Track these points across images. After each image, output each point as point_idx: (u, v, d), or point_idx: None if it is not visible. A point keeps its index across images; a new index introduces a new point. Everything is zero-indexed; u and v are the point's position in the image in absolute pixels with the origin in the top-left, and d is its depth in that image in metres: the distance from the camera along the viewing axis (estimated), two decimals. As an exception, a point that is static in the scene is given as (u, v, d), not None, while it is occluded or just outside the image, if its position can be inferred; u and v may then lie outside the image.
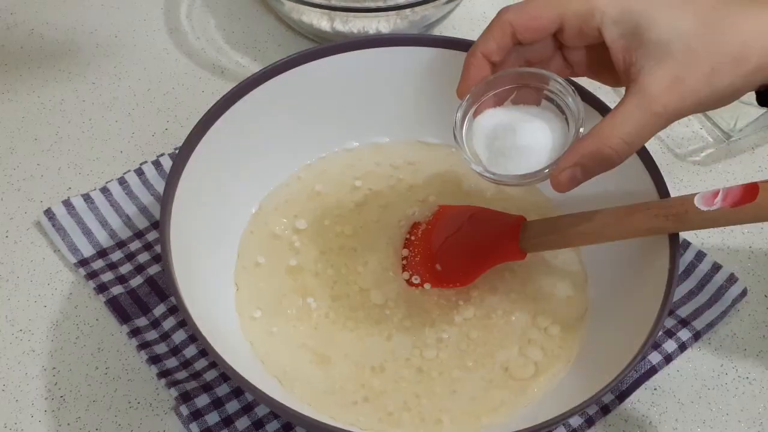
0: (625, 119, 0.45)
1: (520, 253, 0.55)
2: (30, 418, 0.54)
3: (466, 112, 0.51)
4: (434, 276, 0.57)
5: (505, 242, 0.55)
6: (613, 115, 0.45)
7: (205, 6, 0.78)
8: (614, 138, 0.45)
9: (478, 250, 0.57)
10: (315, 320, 0.56)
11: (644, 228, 0.50)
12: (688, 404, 0.56)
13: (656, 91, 0.44)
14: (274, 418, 0.54)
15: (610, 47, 0.47)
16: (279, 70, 0.58)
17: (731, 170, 0.68)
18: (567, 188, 0.47)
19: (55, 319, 0.58)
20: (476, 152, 0.50)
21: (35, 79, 0.71)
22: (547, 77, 0.49)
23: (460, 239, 0.57)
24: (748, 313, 0.60)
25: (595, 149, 0.45)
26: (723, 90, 0.45)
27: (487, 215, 0.58)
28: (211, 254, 0.56)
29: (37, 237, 0.62)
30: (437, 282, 0.57)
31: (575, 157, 0.46)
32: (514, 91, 0.51)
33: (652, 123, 0.45)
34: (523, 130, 0.49)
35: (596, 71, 0.51)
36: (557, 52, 0.51)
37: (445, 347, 0.55)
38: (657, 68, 0.44)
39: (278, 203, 0.61)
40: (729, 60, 0.44)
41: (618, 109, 0.45)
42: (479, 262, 0.56)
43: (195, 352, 0.56)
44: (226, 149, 0.57)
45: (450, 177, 0.63)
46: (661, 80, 0.44)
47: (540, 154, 0.48)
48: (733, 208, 0.46)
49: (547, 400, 0.53)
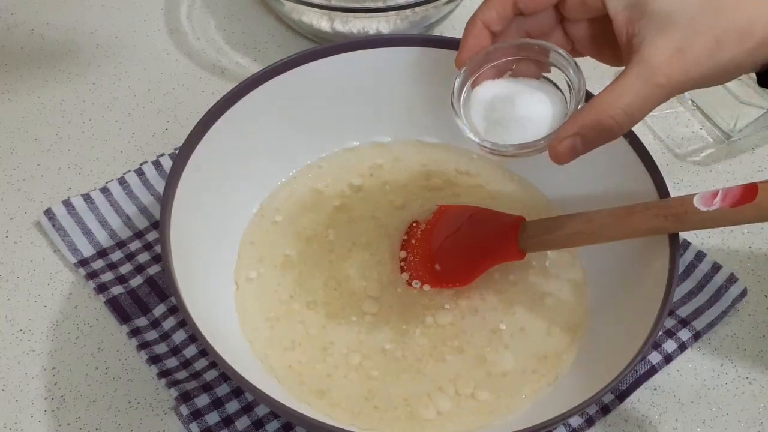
0: (626, 90, 0.44)
1: (520, 253, 0.55)
2: (30, 418, 0.54)
3: (464, 82, 0.49)
4: (433, 276, 0.57)
5: (505, 242, 0.55)
6: (613, 86, 0.44)
7: (205, 7, 0.78)
8: (615, 109, 0.44)
9: (478, 250, 0.57)
10: (315, 319, 0.56)
11: (643, 228, 0.50)
12: (688, 404, 0.56)
13: (658, 62, 0.43)
14: (274, 418, 0.54)
15: (614, 19, 0.46)
16: (279, 70, 0.58)
17: (731, 170, 0.68)
18: (566, 159, 0.46)
19: (55, 319, 0.58)
20: (473, 123, 0.49)
21: (35, 79, 0.71)
22: (548, 48, 0.48)
23: (459, 239, 0.57)
24: (748, 313, 0.60)
25: (596, 120, 0.44)
26: (726, 64, 0.44)
27: (486, 215, 0.58)
28: (211, 254, 0.56)
29: (37, 237, 0.62)
30: (436, 282, 0.57)
31: (575, 127, 0.45)
32: (514, 63, 0.50)
33: (654, 94, 0.44)
34: (521, 102, 0.48)
35: (597, 47, 0.50)
36: (558, 25, 0.50)
37: (442, 347, 0.55)
38: (659, 39, 0.43)
39: (278, 203, 0.61)
40: (733, 33, 0.43)
41: (619, 79, 0.44)
42: (478, 262, 0.56)
43: (195, 351, 0.56)
44: (226, 149, 0.57)
45: (449, 177, 0.63)
46: (663, 51, 0.43)
47: (539, 126, 0.47)
48: (733, 209, 0.46)
49: (547, 400, 0.53)
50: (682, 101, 0.73)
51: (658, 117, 0.72)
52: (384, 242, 0.59)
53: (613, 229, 0.51)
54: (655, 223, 0.49)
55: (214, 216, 0.57)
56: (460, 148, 0.64)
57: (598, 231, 0.52)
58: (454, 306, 0.57)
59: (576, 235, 0.53)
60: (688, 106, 0.72)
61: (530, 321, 0.56)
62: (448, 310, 0.56)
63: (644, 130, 0.71)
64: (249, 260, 0.58)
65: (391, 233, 0.60)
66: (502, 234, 0.56)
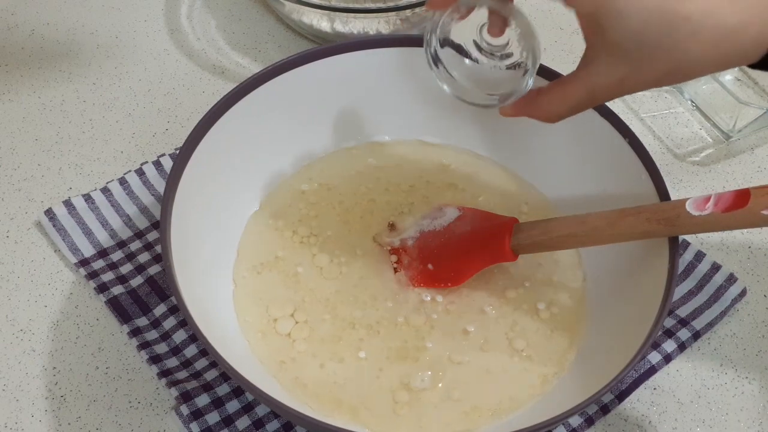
0: (567, 97, 0.47)
1: (512, 255, 0.55)
2: (30, 418, 0.54)
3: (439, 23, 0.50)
4: (426, 276, 0.57)
5: (497, 243, 0.55)
6: (558, 89, 0.48)
7: (206, 7, 0.78)
8: (552, 114, 0.49)
9: (471, 250, 0.57)
10: (315, 320, 0.56)
11: (636, 232, 0.50)
12: (688, 404, 0.56)
13: (600, 84, 0.46)
14: (274, 418, 0.54)
15: (577, 15, 0.46)
16: (279, 70, 0.58)
17: (731, 170, 0.68)
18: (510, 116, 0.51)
19: (55, 319, 0.58)
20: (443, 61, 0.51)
21: (36, 79, 0.72)
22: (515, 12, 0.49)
23: (452, 239, 0.58)
24: (748, 313, 0.60)
25: (532, 114, 0.50)
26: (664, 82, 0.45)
27: (480, 216, 0.58)
28: (211, 254, 0.56)
29: (37, 237, 0.62)
30: (429, 282, 0.57)
31: (515, 111, 0.50)
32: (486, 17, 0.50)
33: (590, 105, 0.48)
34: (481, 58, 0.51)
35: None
36: None
37: (441, 346, 0.55)
38: (606, 66, 0.45)
39: (278, 203, 0.61)
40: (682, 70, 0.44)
41: (565, 84, 0.47)
42: (471, 263, 0.56)
43: (195, 351, 0.56)
44: (226, 149, 0.57)
45: (449, 177, 0.63)
46: (607, 78, 0.45)
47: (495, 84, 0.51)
48: (725, 214, 0.47)
49: (547, 400, 0.53)
50: (681, 102, 0.73)
51: (657, 117, 0.72)
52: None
53: (605, 233, 0.51)
54: (647, 227, 0.50)
55: (214, 216, 0.57)
56: (460, 148, 0.64)
57: (591, 234, 0.52)
58: (454, 306, 0.57)
59: (568, 238, 0.53)
60: (688, 107, 0.72)
61: (530, 321, 0.57)
62: (447, 310, 0.57)
63: (644, 130, 0.71)
64: (249, 260, 0.58)
65: (391, 233, 0.60)
66: (495, 235, 0.56)
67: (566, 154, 0.60)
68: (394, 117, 0.63)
